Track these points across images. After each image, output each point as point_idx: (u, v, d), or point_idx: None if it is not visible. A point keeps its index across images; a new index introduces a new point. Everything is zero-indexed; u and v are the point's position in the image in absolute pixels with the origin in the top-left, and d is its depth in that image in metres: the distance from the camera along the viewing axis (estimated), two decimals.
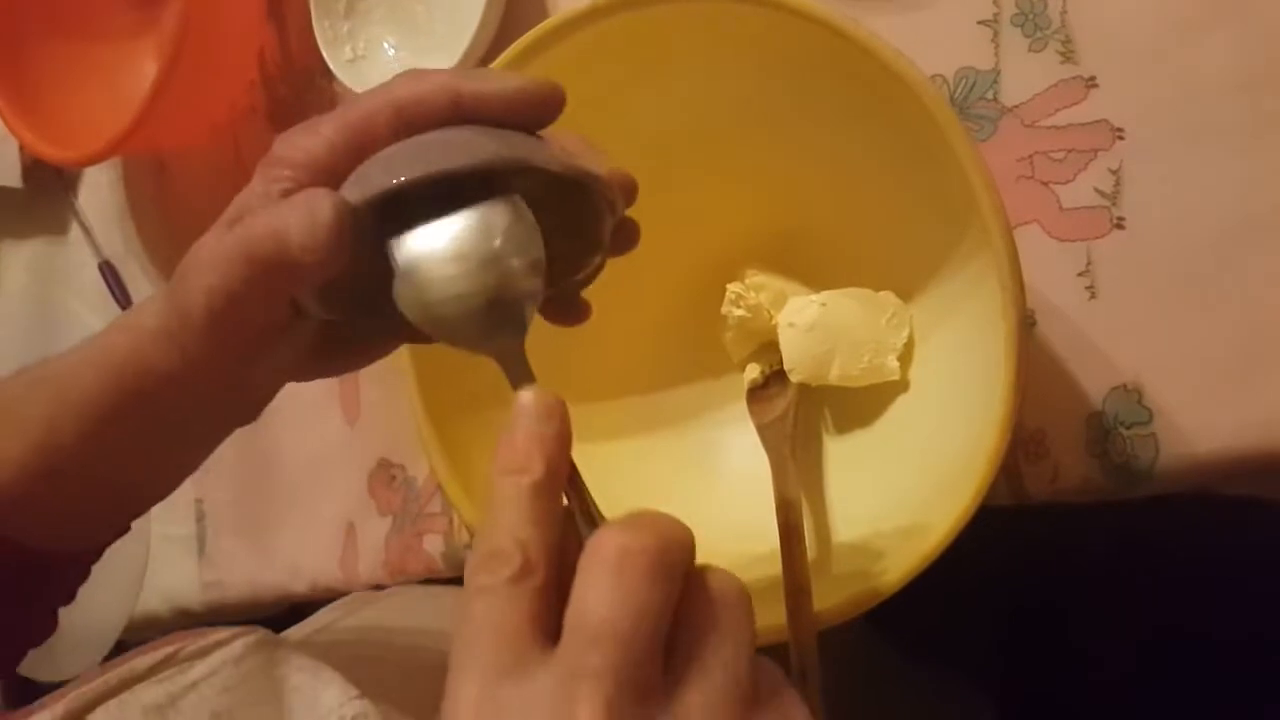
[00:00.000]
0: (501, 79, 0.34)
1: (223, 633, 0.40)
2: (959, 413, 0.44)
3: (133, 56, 0.73)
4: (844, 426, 0.51)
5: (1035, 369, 0.49)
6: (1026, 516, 0.49)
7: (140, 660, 0.38)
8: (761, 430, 0.49)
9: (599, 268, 0.39)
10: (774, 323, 0.51)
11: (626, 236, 0.39)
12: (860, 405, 0.50)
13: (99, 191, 0.84)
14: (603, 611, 0.25)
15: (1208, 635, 0.51)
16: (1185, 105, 0.46)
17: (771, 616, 0.41)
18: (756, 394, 0.52)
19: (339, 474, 0.72)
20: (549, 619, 0.26)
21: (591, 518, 0.30)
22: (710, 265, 0.53)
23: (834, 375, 0.49)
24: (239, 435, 0.77)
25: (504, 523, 0.27)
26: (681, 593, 0.27)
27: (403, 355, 0.48)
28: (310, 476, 0.74)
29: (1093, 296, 0.48)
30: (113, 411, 0.40)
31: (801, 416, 0.50)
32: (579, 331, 0.52)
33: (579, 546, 0.27)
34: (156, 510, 0.83)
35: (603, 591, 0.25)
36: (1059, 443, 0.48)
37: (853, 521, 0.48)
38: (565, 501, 0.29)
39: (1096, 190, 0.48)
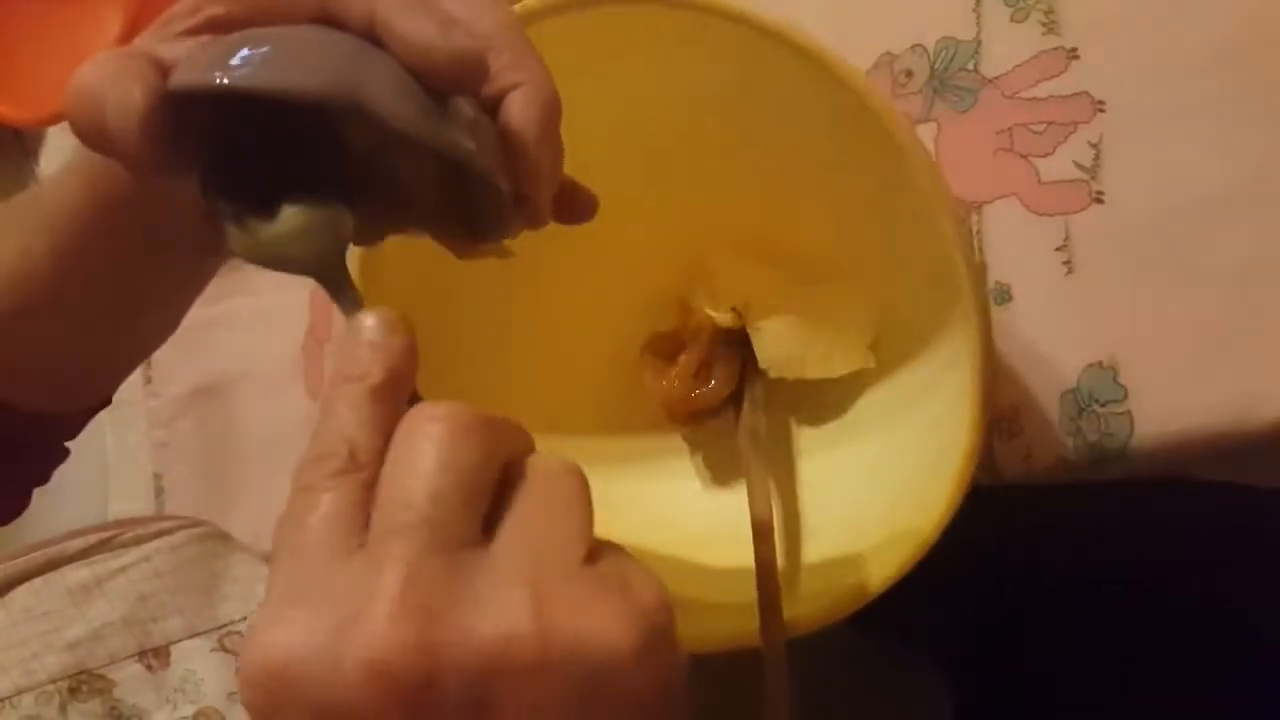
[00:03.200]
0: (422, 26, 0.30)
1: (167, 521, 0.39)
2: (930, 408, 0.43)
3: (95, 15, 0.72)
4: (817, 424, 0.50)
5: (1010, 345, 0.48)
6: (998, 496, 0.49)
7: (73, 543, 0.37)
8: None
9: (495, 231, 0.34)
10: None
11: (579, 207, 0.36)
12: (832, 403, 0.49)
13: (61, 158, 0.82)
14: (403, 475, 0.24)
15: (1177, 618, 0.50)
16: (1167, 79, 0.46)
17: (743, 624, 0.41)
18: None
19: (301, 448, 0.71)
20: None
21: None
22: (678, 255, 0.51)
23: (810, 371, 0.48)
24: (199, 410, 0.76)
25: (333, 425, 0.26)
26: (504, 475, 0.25)
27: None
28: (271, 451, 0.73)
29: (1070, 271, 0.47)
30: (84, 221, 0.37)
31: (772, 418, 0.49)
32: (540, 342, 0.51)
33: None
34: (113, 486, 0.82)
35: (403, 455, 0.24)
36: (1032, 420, 0.47)
37: (828, 526, 0.47)
38: None
39: (1076, 164, 0.47)
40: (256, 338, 0.74)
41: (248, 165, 0.31)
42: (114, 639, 0.35)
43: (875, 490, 0.45)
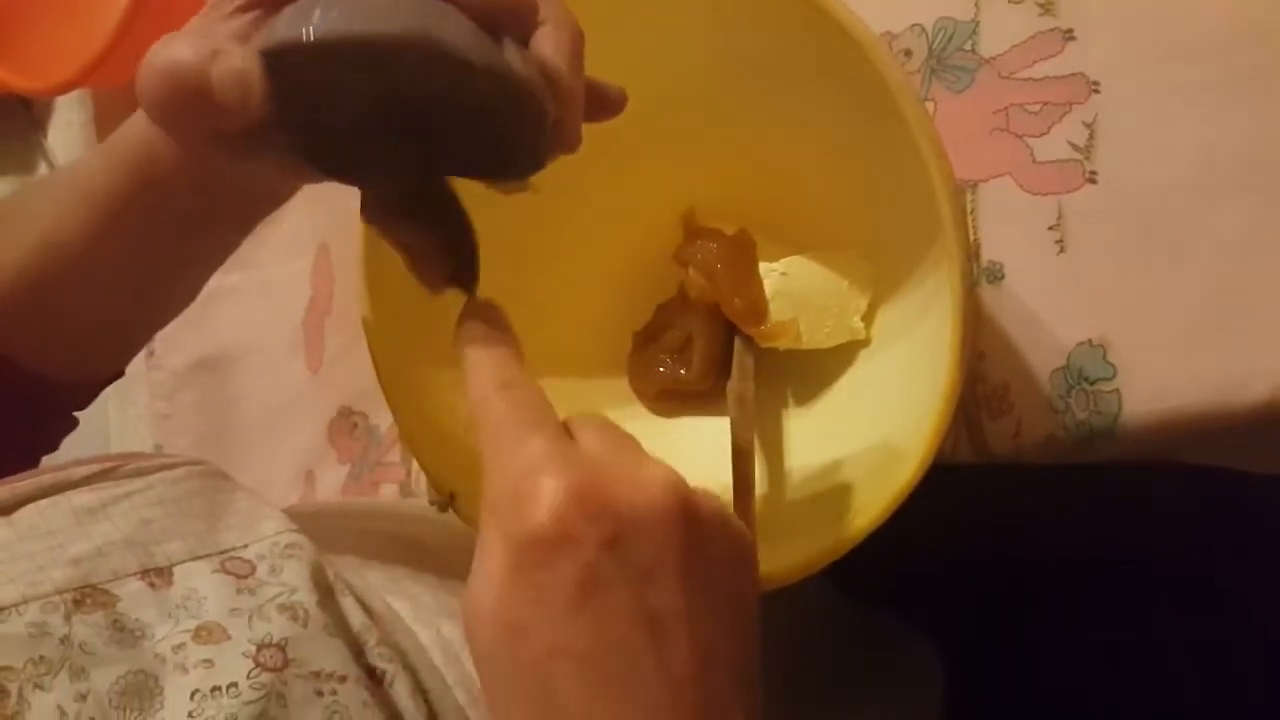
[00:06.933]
0: None
1: (170, 458, 0.40)
2: (915, 369, 0.44)
3: None
4: (805, 387, 0.51)
5: (1001, 323, 0.48)
6: (990, 478, 0.49)
7: (77, 470, 0.37)
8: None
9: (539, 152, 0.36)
10: None
11: (608, 103, 0.38)
12: (821, 366, 0.50)
13: (70, 131, 0.82)
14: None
15: (1166, 600, 0.51)
16: (1162, 61, 0.46)
17: None
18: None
19: (300, 422, 0.71)
20: None
21: None
22: (673, 218, 0.52)
23: (801, 342, 0.48)
24: (200, 383, 0.77)
25: (497, 360, 0.33)
26: None
27: (363, 305, 0.47)
28: (271, 424, 0.73)
29: (1062, 251, 0.47)
30: (122, 200, 0.40)
31: (761, 387, 0.49)
32: (538, 293, 0.51)
33: None
34: None
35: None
36: (1023, 398, 0.48)
37: (809, 482, 0.47)
38: None
39: (1070, 144, 0.47)
40: (258, 311, 0.74)
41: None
42: (117, 557, 0.35)
43: (858, 447, 0.45)
